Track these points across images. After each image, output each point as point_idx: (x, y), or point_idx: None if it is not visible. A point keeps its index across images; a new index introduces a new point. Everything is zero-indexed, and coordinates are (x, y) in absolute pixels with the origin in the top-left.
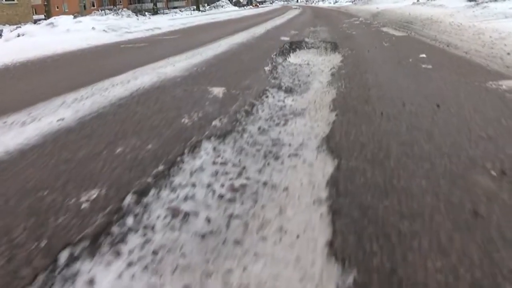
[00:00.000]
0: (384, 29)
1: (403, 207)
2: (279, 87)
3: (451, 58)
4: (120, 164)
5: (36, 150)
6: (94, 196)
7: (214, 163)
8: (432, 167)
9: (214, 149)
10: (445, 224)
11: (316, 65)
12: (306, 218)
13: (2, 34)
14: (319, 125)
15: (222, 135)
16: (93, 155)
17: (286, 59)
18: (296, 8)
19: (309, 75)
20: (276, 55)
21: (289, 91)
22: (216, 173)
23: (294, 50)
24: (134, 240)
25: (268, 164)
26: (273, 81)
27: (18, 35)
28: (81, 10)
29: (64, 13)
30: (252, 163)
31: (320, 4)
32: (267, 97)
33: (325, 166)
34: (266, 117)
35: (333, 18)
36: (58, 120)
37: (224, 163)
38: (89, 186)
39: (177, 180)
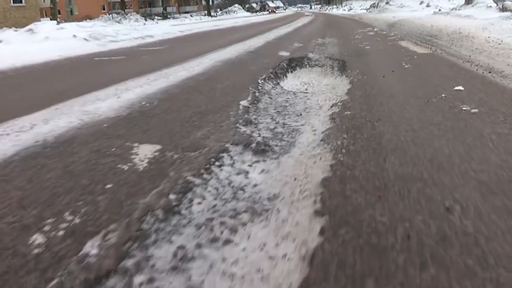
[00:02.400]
0: (403, 43)
1: None
2: (248, 143)
3: (503, 95)
4: None
5: None
6: None
7: None
8: None
9: None
10: None
11: (315, 95)
12: None
13: None
14: (286, 256)
15: None
16: None
17: (278, 83)
18: (308, 15)
19: (301, 114)
20: (265, 79)
21: (261, 151)
22: None
23: (293, 69)
24: None
25: None
26: (243, 129)
27: None
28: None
29: (75, 16)
30: None
31: (334, 11)
32: (221, 166)
33: None
34: (200, 221)
35: (345, 28)
36: None
37: None
38: None
39: None
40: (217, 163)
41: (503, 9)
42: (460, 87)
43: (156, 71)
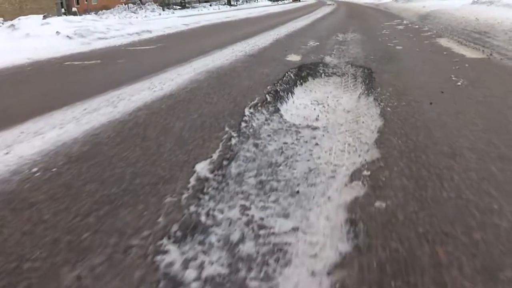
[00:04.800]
0: (443, 42)
1: None
2: None
3: None
4: None
5: None
6: None
7: None
8: None
9: None
10: None
11: (329, 134)
12: None
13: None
14: None
15: None
16: None
17: (277, 110)
18: (330, 5)
19: (298, 192)
20: (257, 105)
21: None
22: None
23: (304, 80)
24: None
25: None
26: (169, 258)
27: None
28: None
29: (93, 6)
30: None
31: (357, 0)
32: None
33: None
34: None
35: (370, 20)
36: None
37: None
38: None
39: None
40: None
41: None
42: None
43: (110, 91)
